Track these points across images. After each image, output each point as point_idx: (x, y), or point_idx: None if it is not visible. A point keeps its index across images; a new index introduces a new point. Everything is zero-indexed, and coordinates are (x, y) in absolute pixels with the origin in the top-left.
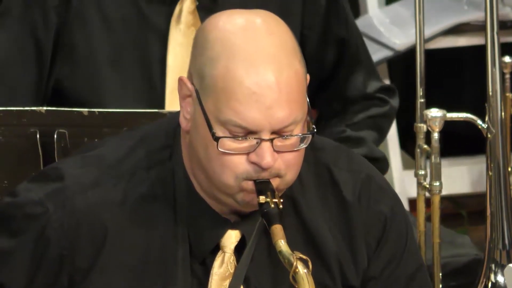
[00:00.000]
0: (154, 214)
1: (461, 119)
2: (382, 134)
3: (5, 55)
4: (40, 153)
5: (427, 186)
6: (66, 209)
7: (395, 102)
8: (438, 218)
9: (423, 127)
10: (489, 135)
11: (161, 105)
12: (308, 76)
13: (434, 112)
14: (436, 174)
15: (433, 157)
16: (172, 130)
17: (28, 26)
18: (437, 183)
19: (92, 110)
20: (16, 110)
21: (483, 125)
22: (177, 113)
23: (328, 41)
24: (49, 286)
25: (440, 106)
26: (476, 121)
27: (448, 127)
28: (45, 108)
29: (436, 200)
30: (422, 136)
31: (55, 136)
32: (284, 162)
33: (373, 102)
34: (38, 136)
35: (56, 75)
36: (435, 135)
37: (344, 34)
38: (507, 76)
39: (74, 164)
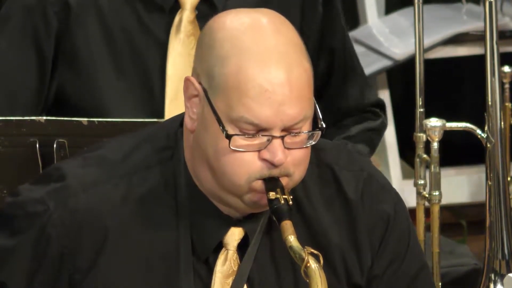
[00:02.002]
0: (156, 213)
1: (461, 129)
2: (372, 149)
3: (6, 62)
4: (40, 163)
5: (427, 195)
6: (68, 207)
7: (385, 118)
8: (437, 228)
9: (423, 136)
10: (488, 145)
11: (161, 114)
12: None
13: (434, 122)
14: (436, 184)
15: (432, 166)
16: (173, 131)
17: (29, 32)
18: (437, 193)
19: (92, 119)
20: (16, 119)
21: (482, 134)
22: (179, 116)
23: (322, 51)
24: (49, 285)
25: (439, 115)
26: (475, 130)
27: (448, 137)
28: (44, 117)
29: (436, 210)
30: (421, 146)
31: (55, 145)
32: (292, 160)
33: (367, 115)
34: (37, 145)
35: (58, 81)
36: (435, 145)
37: (337, 44)
38: (507, 85)
39: (75, 164)
